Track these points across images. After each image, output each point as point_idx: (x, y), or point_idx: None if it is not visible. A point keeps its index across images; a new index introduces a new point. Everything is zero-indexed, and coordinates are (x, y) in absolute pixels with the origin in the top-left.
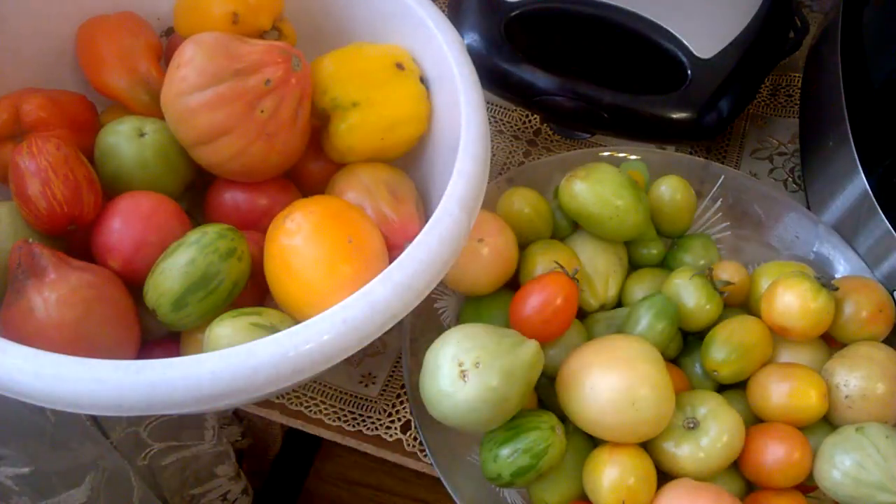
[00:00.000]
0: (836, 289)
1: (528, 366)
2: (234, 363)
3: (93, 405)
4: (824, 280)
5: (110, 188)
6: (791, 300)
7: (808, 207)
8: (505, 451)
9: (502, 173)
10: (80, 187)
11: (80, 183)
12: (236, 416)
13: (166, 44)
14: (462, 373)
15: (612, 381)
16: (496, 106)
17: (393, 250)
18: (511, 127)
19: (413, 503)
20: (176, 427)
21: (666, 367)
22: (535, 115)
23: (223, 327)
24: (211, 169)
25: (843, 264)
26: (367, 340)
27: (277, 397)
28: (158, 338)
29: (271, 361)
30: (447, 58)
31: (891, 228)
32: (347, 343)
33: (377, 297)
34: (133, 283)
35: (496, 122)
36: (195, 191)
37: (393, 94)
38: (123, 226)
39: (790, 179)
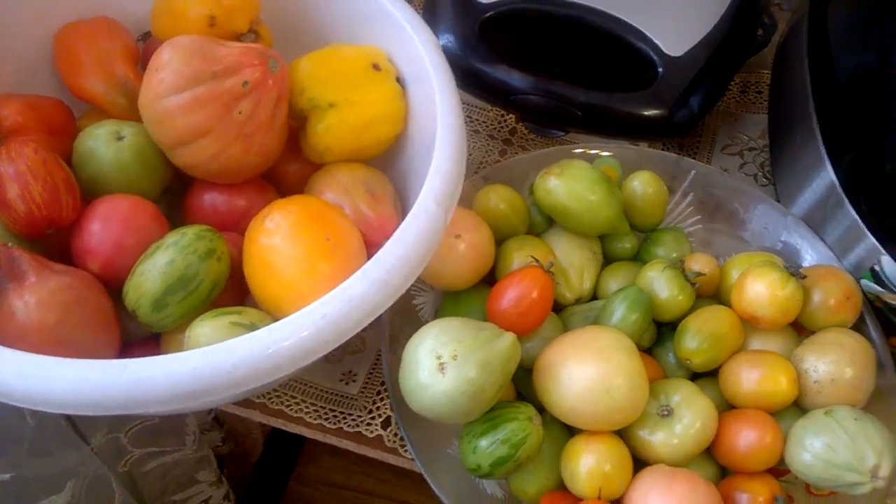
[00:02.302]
0: (805, 277)
1: (504, 358)
2: (214, 360)
3: (75, 405)
4: (793, 269)
5: (89, 192)
6: (760, 289)
7: (778, 200)
8: (484, 443)
9: (478, 172)
10: (59, 190)
11: (59, 186)
12: (216, 421)
13: (143, 48)
14: (440, 365)
15: (588, 372)
16: (472, 106)
17: (371, 248)
18: (487, 126)
19: None
20: (156, 433)
21: (640, 356)
22: (511, 115)
23: (203, 327)
24: (189, 171)
25: (812, 255)
26: (345, 336)
27: (258, 396)
28: (140, 339)
29: (251, 358)
30: (423, 58)
31: (858, 219)
32: (326, 339)
33: (355, 293)
34: (113, 285)
35: (472, 121)
36: (174, 194)
37: (369, 95)
38: (102, 228)
39: (760, 174)
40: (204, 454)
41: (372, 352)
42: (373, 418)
